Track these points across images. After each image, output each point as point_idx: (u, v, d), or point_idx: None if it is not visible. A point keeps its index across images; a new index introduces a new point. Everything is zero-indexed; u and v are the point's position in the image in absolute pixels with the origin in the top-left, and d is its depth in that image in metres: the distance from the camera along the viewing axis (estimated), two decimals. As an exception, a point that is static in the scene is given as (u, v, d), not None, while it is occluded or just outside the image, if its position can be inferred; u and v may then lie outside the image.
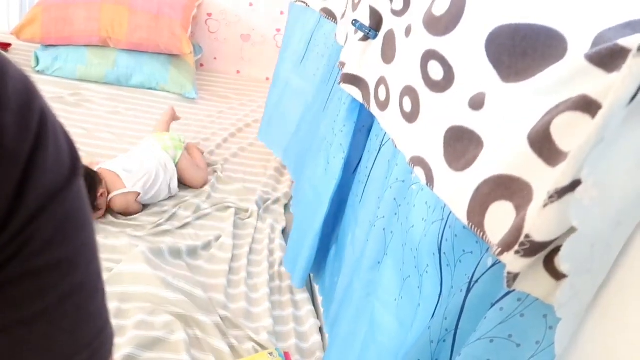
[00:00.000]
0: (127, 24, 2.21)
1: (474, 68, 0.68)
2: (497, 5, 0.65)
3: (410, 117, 0.85)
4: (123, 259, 1.32)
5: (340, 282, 1.15)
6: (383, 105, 0.98)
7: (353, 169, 1.20)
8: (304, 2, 1.62)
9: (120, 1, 2.23)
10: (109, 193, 1.52)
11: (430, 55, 0.77)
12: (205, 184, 1.75)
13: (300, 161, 1.62)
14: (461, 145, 0.70)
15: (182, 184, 1.72)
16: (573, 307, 0.44)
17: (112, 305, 1.26)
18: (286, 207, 1.77)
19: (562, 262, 0.42)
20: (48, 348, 0.32)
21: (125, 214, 1.56)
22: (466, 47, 0.69)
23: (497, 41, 0.64)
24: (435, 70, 0.76)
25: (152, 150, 1.67)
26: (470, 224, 0.63)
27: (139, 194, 1.55)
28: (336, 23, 1.44)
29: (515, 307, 0.52)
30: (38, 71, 2.19)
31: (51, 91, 2.09)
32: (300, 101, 1.64)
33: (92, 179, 1.48)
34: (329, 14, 1.48)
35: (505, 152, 0.60)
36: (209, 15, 2.57)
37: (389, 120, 0.96)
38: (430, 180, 0.76)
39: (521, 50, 0.60)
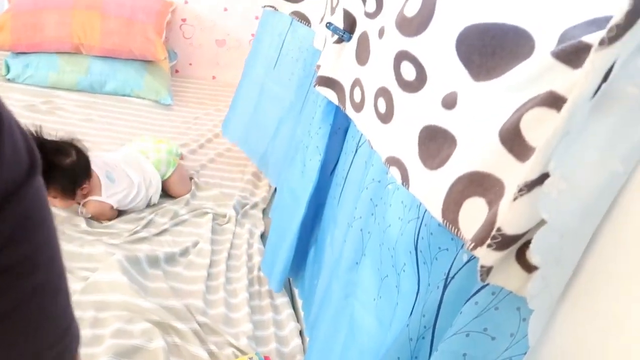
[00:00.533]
0: (99, 30, 2.18)
1: (446, 68, 0.69)
2: (466, 6, 0.66)
3: (385, 117, 0.86)
4: (99, 268, 1.30)
5: (320, 285, 1.15)
6: (358, 107, 0.99)
7: (330, 171, 1.20)
8: (273, 7, 1.61)
9: (92, 6, 2.20)
10: (86, 195, 1.51)
11: (402, 56, 0.78)
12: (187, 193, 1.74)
13: (279, 166, 1.62)
14: (435, 144, 0.71)
15: (165, 192, 1.70)
16: (544, 298, 0.45)
17: (88, 314, 1.24)
18: (264, 211, 1.77)
19: (532, 254, 0.43)
20: (11, 350, 0.32)
21: (99, 218, 1.54)
22: (437, 47, 0.71)
23: (467, 41, 0.65)
24: (408, 71, 0.77)
25: (140, 165, 1.63)
26: (445, 221, 0.64)
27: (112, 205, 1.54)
28: (310, 26, 1.44)
29: (490, 300, 0.53)
30: (9, 79, 2.15)
31: (22, 99, 2.06)
32: (275, 107, 1.64)
33: (87, 170, 1.48)
34: (302, 17, 1.48)
35: (477, 150, 0.61)
36: (184, 20, 2.55)
37: (364, 122, 0.96)
38: (405, 179, 0.77)
39: (490, 50, 0.61)
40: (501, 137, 0.56)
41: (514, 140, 0.53)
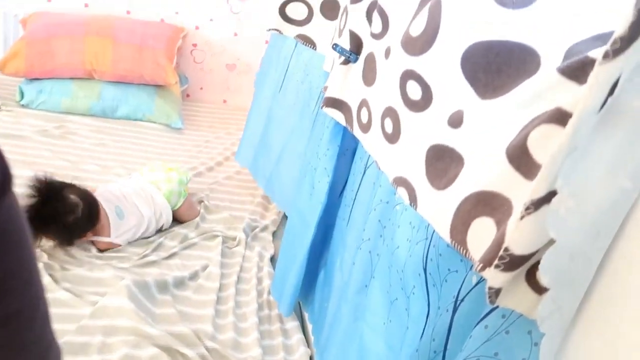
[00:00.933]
0: (111, 56, 2.22)
1: (451, 86, 0.68)
2: (470, 24, 0.66)
3: (392, 137, 0.86)
4: (108, 292, 1.30)
5: (330, 308, 1.13)
6: (365, 128, 0.98)
7: (339, 192, 1.19)
8: (278, 30, 1.62)
9: (103, 33, 2.23)
10: (93, 234, 1.49)
11: (408, 75, 0.78)
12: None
13: (284, 191, 1.62)
14: (442, 163, 0.70)
15: (173, 219, 1.69)
16: (556, 321, 0.43)
17: (97, 339, 1.23)
18: (275, 234, 1.76)
19: (542, 274, 0.42)
20: None
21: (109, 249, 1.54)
22: (442, 66, 0.70)
23: (472, 59, 0.64)
24: (414, 90, 0.77)
25: (152, 198, 1.61)
26: (454, 242, 0.63)
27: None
28: (315, 49, 1.45)
29: (500, 324, 0.51)
30: (23, 105, 2.18)
31: (36, 124, 2.08)
32: (280, 130, 1.64)
33: (89, 224, 1.46)
34: (307, 40, 1.49)
35: (484, 169, 0.59)
36: (194, 45, 2.58)
37: (371, 142, 0.96)
38: (413, 200, 0.76)
39: (496, 67, 0.61)
40: (508, 155, 0.54)
41: (521, 158, 0.52)
